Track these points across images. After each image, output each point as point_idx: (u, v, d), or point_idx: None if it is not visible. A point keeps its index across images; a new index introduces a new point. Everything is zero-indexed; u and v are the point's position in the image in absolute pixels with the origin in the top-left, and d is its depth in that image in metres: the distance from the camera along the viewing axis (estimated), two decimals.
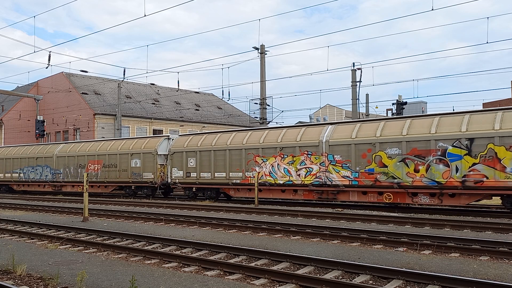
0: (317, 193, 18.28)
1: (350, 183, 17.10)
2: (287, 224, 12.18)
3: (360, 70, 28.86)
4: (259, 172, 19.51)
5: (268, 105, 28.43)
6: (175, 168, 22.84)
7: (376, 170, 16.50)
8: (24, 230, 12.33)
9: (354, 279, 6.75)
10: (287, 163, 18.79)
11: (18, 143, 40.06)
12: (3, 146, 36.87)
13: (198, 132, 24.80)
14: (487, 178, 14.35)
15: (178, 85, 28.31)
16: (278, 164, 19.05)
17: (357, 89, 29.24)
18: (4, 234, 11.94)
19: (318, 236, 10.50)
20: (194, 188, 22.49)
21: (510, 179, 14.00)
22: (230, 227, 12.32)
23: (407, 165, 15.87)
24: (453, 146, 15.03)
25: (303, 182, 18.27)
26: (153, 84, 39.85)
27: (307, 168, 18.20)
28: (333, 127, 18.35)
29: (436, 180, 15.15)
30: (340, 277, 6.96)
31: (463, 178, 14.75)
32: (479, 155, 14.55)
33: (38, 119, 32.20)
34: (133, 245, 9.95)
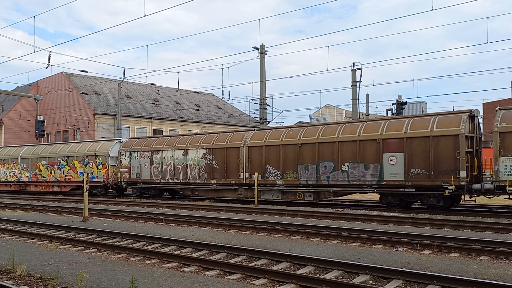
0: (18, 186, 31.34)
1: (29, 180, 30.30)
2: (287, 224, 12.17)
3: (360, 70, 28.84)
4: None
5: (268, 105, 28.41)
6: None
7: (38, 173, 29.63)
8: (24, 230, 12.33)
9: (354, 279, 6.75)
10: (6, 168, 31.98)
11: (19, 143, 40.06)
12: None
13: None
14: (72, 177, 27.55)
15: (178, 85, 28.30)
16: (1, 169, 32.24)
17: (357, 89, 29.22)
18: (4, 234, 11.94)
19: (318, 236, 10.50)
20: None
21: (80, 178, 26.68)
22: (230, 227, 12.32)
23: (48, 170, 29.01)
24: (62, 160, 28.22)
25: (12, 179, 31.36)
26: (153, 84, 39.85)
27: (13, 171, 31.33)
28: (26, 148, 31.71)
29: (57, 178, 28.45)
30: (340, 277, 6.95)
31: (65, 177, 28.02)
32: (70, 164, 27.71)
33: (38, 119, 32.21)
34: (133, 245, 9.95)
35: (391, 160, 15.95)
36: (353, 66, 29.26)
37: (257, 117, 29.04)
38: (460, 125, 14.88)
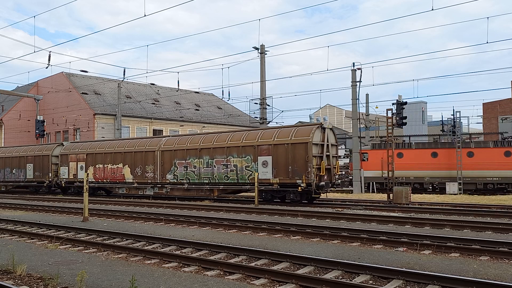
0: None
1: None
2: (287, 224, 12.17)
3: (360, 70, 28.74)
4: None
5: (268, 105, 28.41)
6: None
7: None
8: (24, 230, 12.33)
9: (354, 279, 6.75)
10: None
11: (18, 143, 40.07)
12: None
13: None
14: None
15: (178, 85, 28.29)
16: None
17: (357, 89, 29.14)
18: (4, 234, 11.94)
19: (318, 236, 10.50)
20: None
21: None
22: (230, 227, 12.32)
23: None
24: None
25: None
26: (153, 84, 39.83)
27: None
28: None
29: None
30: (340, 277, 6.95)
31: None
32: None
33: (38, 119, 32.23)
34: (133, 245, 9.94)
35: (28, 167, 29.97)
36: (353, 66, 29.18)
37: (257, 117, 29.03)
38: (52, 151, 29.07)
